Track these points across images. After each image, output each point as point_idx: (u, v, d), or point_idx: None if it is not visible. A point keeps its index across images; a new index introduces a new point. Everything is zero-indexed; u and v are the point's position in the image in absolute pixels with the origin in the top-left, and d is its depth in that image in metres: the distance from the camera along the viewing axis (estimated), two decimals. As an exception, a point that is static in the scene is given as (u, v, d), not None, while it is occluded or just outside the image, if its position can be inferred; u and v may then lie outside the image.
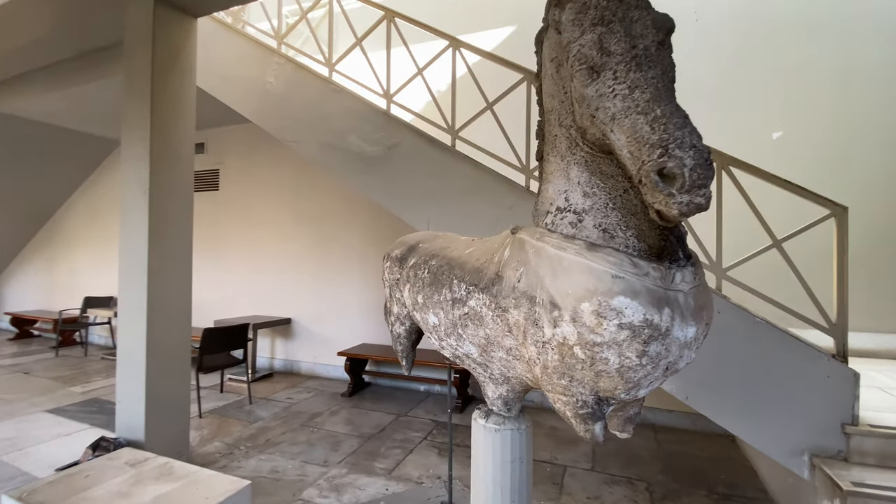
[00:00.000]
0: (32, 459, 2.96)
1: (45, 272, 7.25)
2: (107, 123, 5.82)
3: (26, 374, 4.96)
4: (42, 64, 3.91)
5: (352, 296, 5.00)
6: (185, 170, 2.88)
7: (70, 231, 7.04)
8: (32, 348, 6.29)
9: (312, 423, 3.69)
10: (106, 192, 6.72)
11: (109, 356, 5.75)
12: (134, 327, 2.59)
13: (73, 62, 4.31)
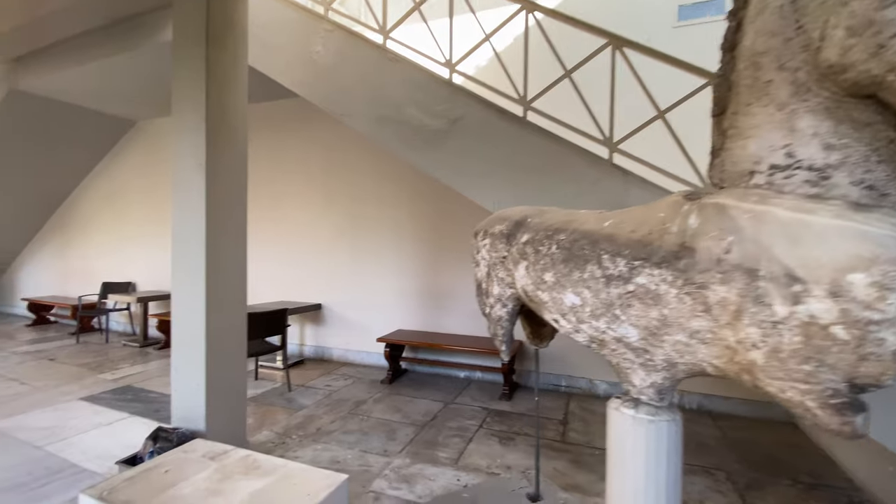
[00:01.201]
0: (78, 450, 2.82)
1: (60, 257, 7.03)
2: (122, 102, 5.58)
3: (52, 361, 4.79)
4: (68, 34, 3.66)
5: (385, 281, 4.84)
6: (241, 142, 2.67)
7: (84, 215, 6.81)
8: (51, 334, 6.12)
9: (359, 411, 3.56)
10: (120, 175, 6.49)
11: (132, 343, 5.59)
12: (191, 313, 2.42)
13: (98, 33, 4.06)
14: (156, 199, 6.17)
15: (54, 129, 5.69)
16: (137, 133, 6.33)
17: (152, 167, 6.22)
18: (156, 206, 6.14)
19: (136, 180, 6.36)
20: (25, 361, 4.77)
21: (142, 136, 6.31)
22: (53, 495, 2.31)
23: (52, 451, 2.77)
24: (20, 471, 2.53)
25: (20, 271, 7.56)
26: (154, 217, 6.16)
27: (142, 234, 6.25)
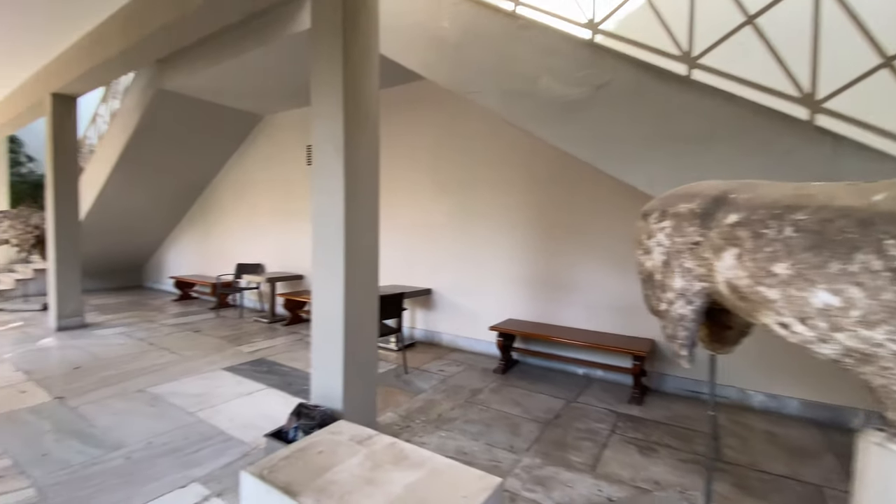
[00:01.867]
0: (225, 417, 3.06)
1: (200, 241, 7.99)
2: (251, 98, 6.03)
3: (197, 333, 5.42)
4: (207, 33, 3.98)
5: (495, 268, 4.66)
6: (373, 127, 2.64)
7: (220, 203, 7.62)
8: (193, 309, 6.98)
9: (477, 401, 3.44)
10: (251, 166, 7.11)
11: (261, 319, 6.13)
12: (331, 294, 2.45)
13: (234, 30, 4.37)
14: (280, 189, 6.67)
15: (195, 125, 6.38)
16: (264, 127, 6.86)
17: (276, 159, 6.71)
18: (280, 196, 6.64)
19: (263, 172, 6.93)
20: (174, 332, 5.44)
21: (268, 130, 6.83)
22: (206, 461, 2.50)
23: (203, 418, 3.05)
24: (177, 435, 2.79)
25: (168, 253, 8.76)
26: (279, 206, 6.67)
27: (269, 221, 6.81)
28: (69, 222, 5.44)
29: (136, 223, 7.82)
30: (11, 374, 3.84)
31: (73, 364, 4.12)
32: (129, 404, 3.22)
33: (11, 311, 6.51)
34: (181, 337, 5.20)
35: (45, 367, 4.05)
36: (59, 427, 2.84)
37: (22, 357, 4.32)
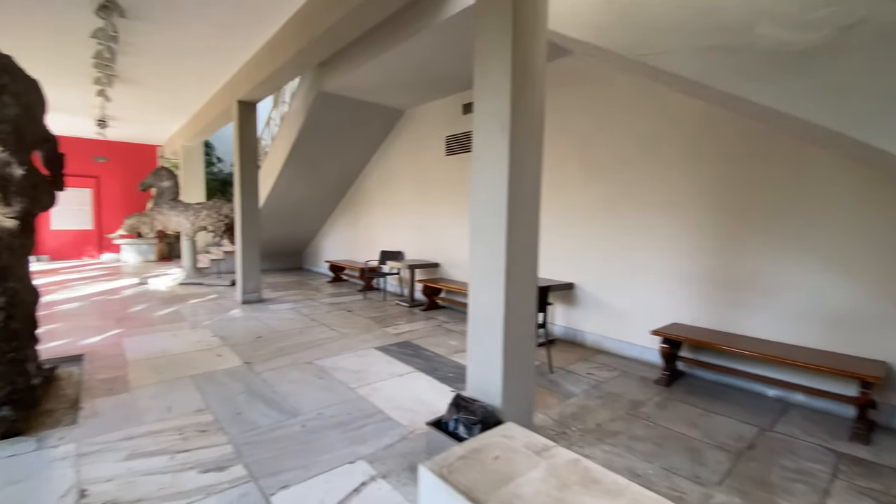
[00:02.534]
0: (382, 397, 3.17)
1: (350, 229, 8.76)
2: (395, 93, 6.27)
3: (349, 312, 5.89)
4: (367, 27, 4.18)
5: (655, 264, 4.07)
6: (539, 103, 2.40)
7: (366, 195, 8.23)
8: (344, 290, 7.67)
9: (640, 414, 3.01)
10: (393, 159, 7.49)
11: (402, 303, 6.44)
12: (491, 283, 2.30)
13: (386, 26, 4.52)
14: (419, 180, 6.90)
15: (348, 123, 6.91)
16: (406, 121, 7.15)
17: (416, 152, 6.94)
18: (419, 187, 6.87)
19: (403, 165, 7.24)
20: (332, 311, 5.98)
21: (409, 124, 7.10)
22: (370, 438, 2.57)
23: (363, 395, 3.20)
24: (341, 409, 2.96)
25: (323, 239, 9.80)
26: (417, 196, 6.91)
27: (408, 211, 7.12)
28: (251, 212, 6.35)
29: (299, 213, 8.89)
30: (210, 338, 4.59)
31: (255, 334, 4.77)
32: (301, 374, 3.56)
33: (208, 285, 7.93)
34: (337, 315, 5.70)
35: (234, 334, 4.76)
36: (249, 390, 3.25)
37: (217, 324, 5.16)
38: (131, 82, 6.61)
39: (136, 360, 3.86)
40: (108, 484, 2.07)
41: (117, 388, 3.26)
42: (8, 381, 2.73)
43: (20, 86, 2.87)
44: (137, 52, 5.41)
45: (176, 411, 2.87)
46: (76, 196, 11.31)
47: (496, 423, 2.21)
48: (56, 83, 6.49)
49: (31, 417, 2.80)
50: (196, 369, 3.65)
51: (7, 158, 2.73)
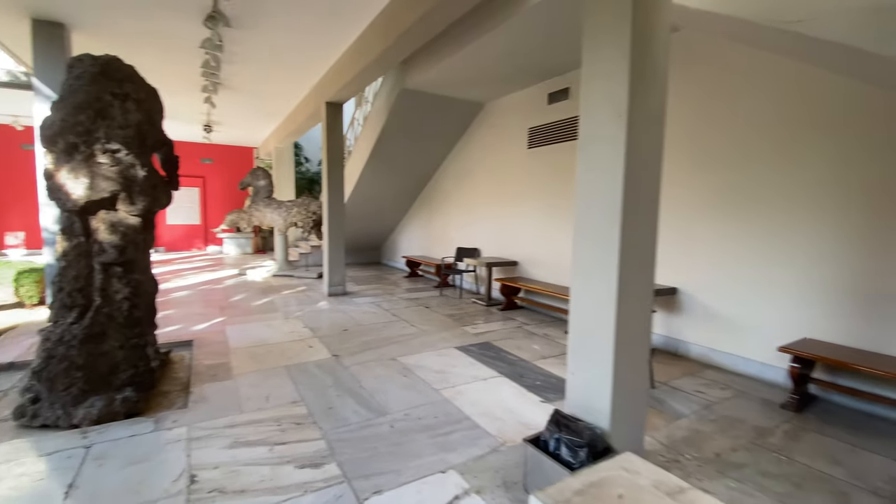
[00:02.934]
0: (467, 401, 3.04)
1: (425, 225, 8.81)
2: (476, 87, 6.10)
3: (427, 309, 5.87)
4: (443, 26, 4.07)
5: (778, 269, 3.50)
6: (662, 85, 2.10)
7: (442, 191, 8.20)
8: (420, 286, 7.71)
9: (768, 445, 2.57)
10: (471, 154, 7.35)
11: (478, 301, 6.30)
12: (599, 287, 2.05)
13: (469, 19, 4.37)
14: (497, 175, 6.69)
15: (428, 119, 6.88)
16: (485, 115, 6.97)
17: (495, 146, 6.74)
18: (498, 182, 6.67)
19: (481, 159, 7.07)
20: (410, 307, 6.01)
21: (488, 118, 6.91)
22: (458, 446, 2.45)
23: (447, 397, 3.09)
24: (428, 411, 2.87)
25: (400, 235, 9.97)
26: (496, 191, 6.72)
27: (486, 207, 6.95)
28: (338, 209, 6.58)
29: (378, 210, 9.12)
30: (301, 329, 4.80)
31: (341, 326, 4.91)
32: (386, 371, 3.56)
33: (298, 277, 8.41)
34: (416, 311, 5.71)
35: (322, 326, 4.94)
36: (338, 383, 3.30)
37: (307, 315, 5.39)
38: (233, 89, 7.15)
39: (237, 347, 4.13)
40: (215, 471, 2.16)
41: (221, 374, 3.48)
42: (131, 364, 3.02)
43: (142, 93, 3.14)
44: (238, 60, 5.80)
45: (273, 401, 2.98)
46: (186, 194, 12.67)
47: (605, 448, 1.97)
48: (168, 92, 7.22)
49: (150, 398, 3.07)
50: (290, 359, 3.81)
51: (131, 161, 3.00)
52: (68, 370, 2.77)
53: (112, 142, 2.92)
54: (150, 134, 3.25)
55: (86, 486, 2.03)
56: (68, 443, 2.42)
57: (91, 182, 2.85)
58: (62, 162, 2.85)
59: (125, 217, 3.03)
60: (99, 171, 2.88)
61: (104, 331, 2.94)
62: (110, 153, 2.92)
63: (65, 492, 1.97)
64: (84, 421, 2.67)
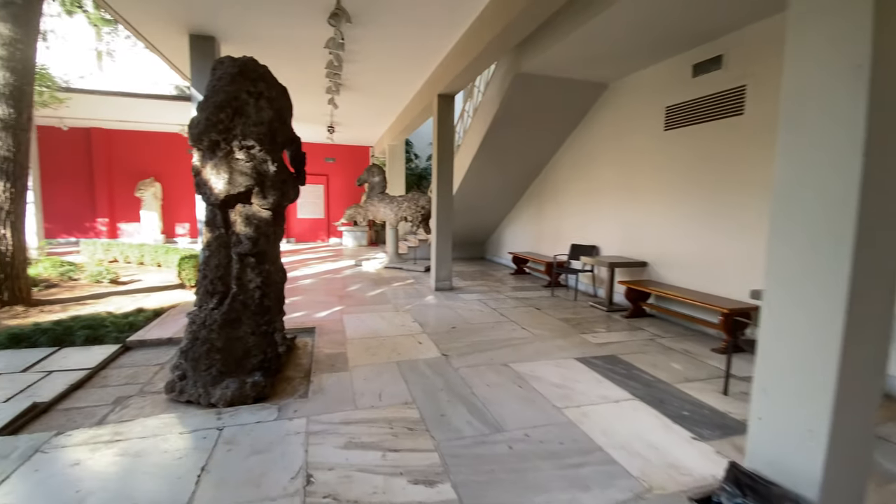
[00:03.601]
0: (597, 427, 2.60)
1: (535, 219, 8.32)
2: (600, 65, 5.46)
3: (538, 310, 5.46)
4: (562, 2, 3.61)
5: None
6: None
7: (555, 183, 7.63)
8: (528, 284, 7.29)
9: None
10: (591, 140, 6.69)
11: (597, 305, 5.68)
12: (814, 301, 1.50)
13: None
14: (623, 163, 5.96)
15: (542, 105, 6.40)
16: (609, 96, 6.26)
17: (621, 130, 6.01)
18: (623, 171, 5.94)
19: (603, 146, 6.37)
20: (519, 307, 5.64)
21: (612, 99, 6.19)
22: (592, 485, 2.05)
23: (572, 419, 2.69)
24: (551, 434, 2.50)
25: (506, 230, 9.62)
26: (620, 182, 5.99)
27: (607, 200, 6.26)
28: (446, 204, 6.48)
29: (485, 204, 8.88)
30: (411, 323, 4.75)
31: (449, 323, 4.77)
32: (499, 378, 3.28)
33: (407, 270, 8.58)
34: (525, 312, 5.34)
35: (430, 321, 4.85)
36: (449, 387, 3.11)
37: (416, 310, 5.37)
38: (353, 89, 7.47)
39: (352, 338, 4.21)
40: (330, 474, 2.08)
41: (338, 364, 3.53)
42: (261, 350, 3.18)
43: (273, 91, 3.27)
44: (358, 59, 5.98)
45: (386, 400, 2.89)
46: (313, 191, 13.92)
47: (822, 532, 1.43)
48: (297, 95, 7.80)
49: (276, 383, 3.21)
50: (401, 355, 3.74)
51: (263, 157, 3.14)
52: (209, 352, 2.99)
53: (248, 138, 3.08)
54: (281, 131, 3.37)
55: (216, 470, 2.09)
56: (205, 422, 2.58)
57: (230, 177, 3.03)
58: (207, 159, 3.08)
59: (258, 210, 3.18)
60: (236, 167, 3.05)
61: (239, 317, 3.13)
62: (246, 149, 3.09)
63: (197, 475, 2.05)
64: (220, 401, 2.85)
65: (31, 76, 4.92)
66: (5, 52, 4.56)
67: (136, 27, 4.89)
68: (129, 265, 8.77)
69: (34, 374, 3.29)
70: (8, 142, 4.68)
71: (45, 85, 8.16)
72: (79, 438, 2.35)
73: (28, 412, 2.73)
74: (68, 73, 8.81)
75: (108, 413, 2.79)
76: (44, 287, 6.22)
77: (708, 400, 3.01)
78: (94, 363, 3.54)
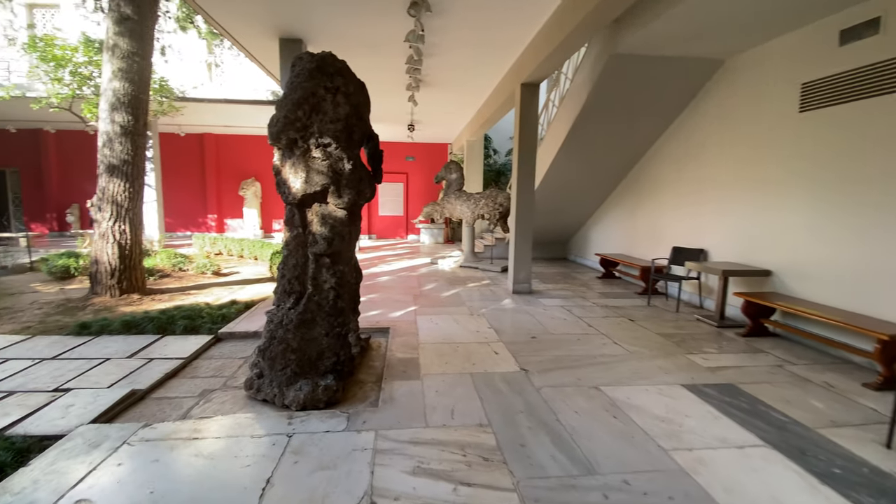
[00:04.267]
0: (717, 482, 2.09)
1: (628, 218, 7.54)
2: (714, 38, 4.66)
3: (632, 322, 4.85)
4: None
5: None
6: None
7: (653, 176, 6.81)
8: (618, 290, 6.60)
9: None
10: (700, 126, 5.82)
11: (705, 319, 4.91)
12: None
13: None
14: (739, 154, 5.08)
15: (641, 89, 5.69)
16: (724, 74, 5.38)
17: (737, 115, 5.13)
18: (743, 162, 5.05)
19: (715, 134, 5.50)
20: (609, 316, 5.06)
21: (729, 78, 5.31)
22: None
23: (684, 467, 2.19)
24: (657, 484, 2.05)
25: (592, 229, 8.89)
26: (740, 174, 5.12)
27: (719, 197, 5.39)
28: (527, 200, 6.07)
29: (569, 201, 8.27)
30: (486, 329, 4.46)
31: (528, 332, 4.39)
32: (588, 404, 2.85)
33: (482, 269, 8.29)
34: (616, 323, 4.77)
35: (507, 328, 4.51)
36: (530, 410, 2.76)
37: (492, 314, 5.06)
38: (432, 85, 7.34)
39: (425, 342, 4.03)
40: (395, 505, 1.87)
41: (410, 371, 3.36)
42: (334, 352, 3.09)
43: (351, 87, 3.15)
44: (437, 52, 5.79)
45: (459, 418, 2.63)
46: (392, 189, 14.22)
47: None
48: (378, 95, 7.85)
49: (348, 387, 3.11)
50: (475, 365, 3.47)
51: (339, 155, 3.03)
52: (285, 352, 2.97)
53: (324, 136, 2.99)
54: (358, 127, 3.25)
55: (280, 484, 1.98)
56: (276, 426, 2.52)
57: (307, 176, 2.97)
58: (286, 158, 3.05)
59: (334, 210, 3.09)
60: (313, 166, 2.98)
61: (314, 318, 3.07)
62: (322, 147, 3.00)
63: (262, 487, 1.95)
64: (293, 403, 2.81)
65: (147, 86, 5.44)
66: (124, 64, 5.07)
67: (234, 36, 5.17)
68: (231, 258, 9.58)
69: (137, 361, 3.55)
70: (127, 146, 5.22)
71: (164, 95, 9.16)
72: (162, 432, 2.41)
73: (126, 398, 2.91)
74: (184, 84, 9.81)
75: (193, 406, 2.87)
76: (158, 277, 6.94)
77: (866, 454, 2.33)
78: (188, 353, 3.74)
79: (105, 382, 3.13)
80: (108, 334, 4.18)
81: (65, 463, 2.12)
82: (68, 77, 8.21)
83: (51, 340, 4.00)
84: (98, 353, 3.70)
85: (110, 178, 5.20)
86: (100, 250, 5.31)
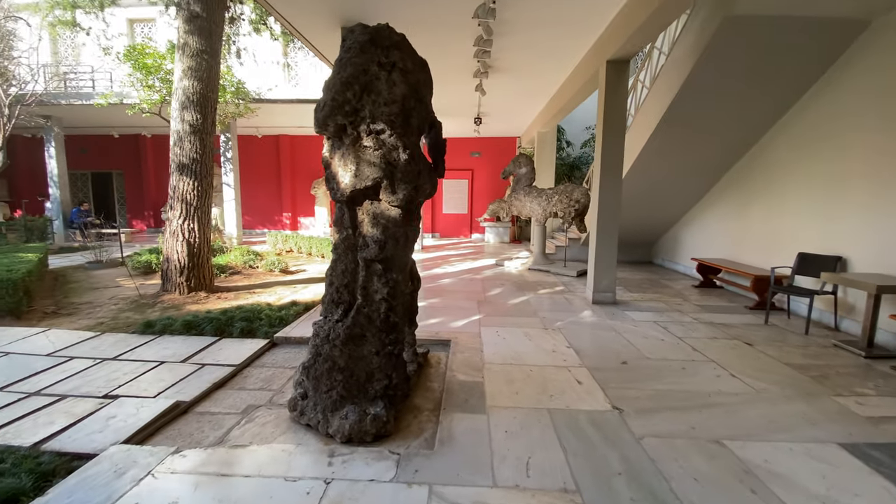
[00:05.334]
0: None
1: (734, 217, 6.38)
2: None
3: (749, 347, 3.91)
4: None
5: None
6: None
7: (771, 168, 5.64)
8: (721, 303, 5.55)
9: None
10: (832, 105, 4.65)
11: (846, 345, 3.83)
12: None
13: None
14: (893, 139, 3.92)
15: (758, 59, 4.65)
16: (871, 38, 4.20)
17: (891, 88, 3.95)
18: (892, 152, 3.90)
19: (858, 113, 4.32)
20: (717, 338, 4.15)
21: (877, 42, 4.13)
22: None
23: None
24: None
25: (686, 229, 7.74)
26: (889, 163, 3.95)
27: (862, 191, 4.22)
28: (613, 196, 5.27)
29: (659, 196, 7.23)
30: (564, 349, 3.81)
31: (617, 355, 3.67)
32: (711, 467, 2.14)
33: (555, 273, 7.54)
34: (729, 348, 3.87)
35: (590, 349, 3.82)
36: (631, 472, 2.11)
37: (570, 329, 4.38)
38: (502, 71, 6.73)
39: (491, 361, 3.49)
40: None
41: (473, 401, 2.83)
42: (385, 374, 2.65)
43: (409, 63, 2.67)
44: (509, 31, 5.19)
45: (535, 476, 2.06)
46: (456, 185, 13.78)
47: None
48: (443, 86, 7.38)
49: (401, 414, 2.67)
50: (552, 398, 2.86)
51: (394, 143, 2.57)
52: (331, 371, 2.59)
53: (377, 121, 2.55)
54: (417, 111, 2.77)
55: (308, 560, 1.55)
56: (315, 467, 2.12)
57: (357, 168, 2.55)
58: (335, 148, 2.66)
59: (386, 208, 2.64)
60: (364, 157, 2.56)
61: (363, 332, 2.65)
62: (374, 135, 2.56)
63: (285, 565, 1.54)
64: (337, 433, 2.42)
65: (216, 84, 5.44)
66: (193, 63, 5.08)
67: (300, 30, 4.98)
68: (300, 255, 9.71)
69: (190, 366, 3.39)
70: (196, 144, 5.24)
71: (241, 98, 9.45)
72: (191, 463, 2.12)
73: (168, 412, 2.70)
74: (260, 86, 10.10)
75: (233, 427, 2.59)
76: (229, 273, 7.07)
77: None
78: (240, 360, 3.54)
79: (153, 391, 2.97)
80: (169, 334, 4.14)
81: (82, 496, 1.87)
82: (158, 83, 8.72)
83: (116, 339, 4.02)
84: (155, 356, 3.61)
85: (180, 177, 5.26)
86: (170, 248, 5.40)
